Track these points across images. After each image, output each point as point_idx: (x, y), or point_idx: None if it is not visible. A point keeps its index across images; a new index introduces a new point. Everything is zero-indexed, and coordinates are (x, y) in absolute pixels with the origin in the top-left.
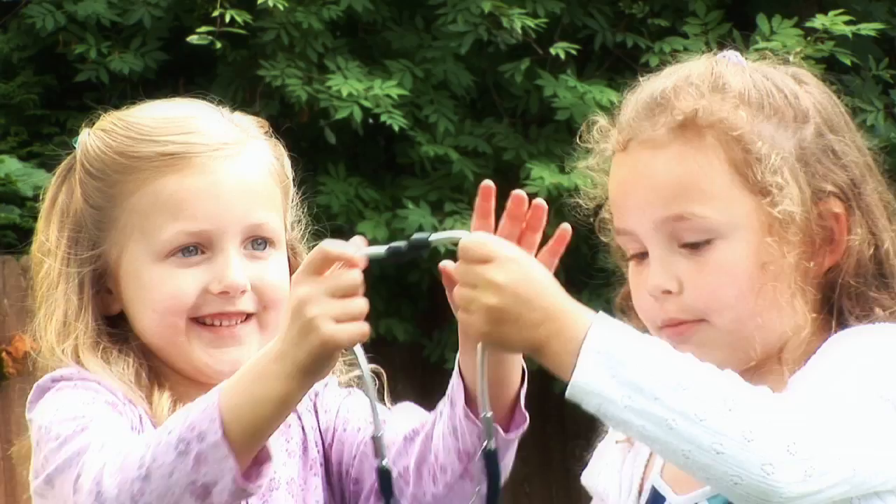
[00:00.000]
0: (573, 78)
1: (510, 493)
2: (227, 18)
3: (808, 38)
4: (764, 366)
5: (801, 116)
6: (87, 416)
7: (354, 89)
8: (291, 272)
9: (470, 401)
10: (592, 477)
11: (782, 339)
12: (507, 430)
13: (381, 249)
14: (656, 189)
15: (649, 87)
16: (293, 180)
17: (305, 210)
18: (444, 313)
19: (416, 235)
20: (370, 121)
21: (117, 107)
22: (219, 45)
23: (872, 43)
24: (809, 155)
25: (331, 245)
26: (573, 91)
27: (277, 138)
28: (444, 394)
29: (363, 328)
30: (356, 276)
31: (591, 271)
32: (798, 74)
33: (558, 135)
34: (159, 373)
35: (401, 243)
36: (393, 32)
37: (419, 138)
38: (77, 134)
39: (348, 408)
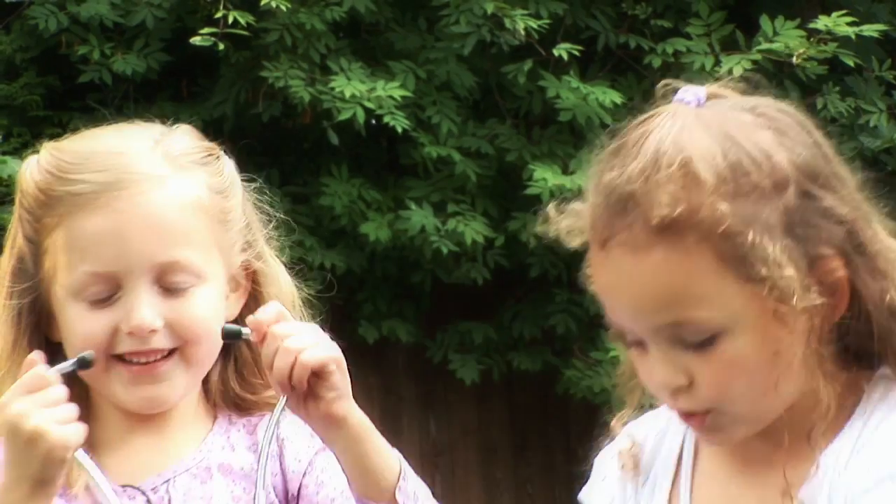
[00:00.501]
0: (576, 79)
1: (514, 495)
2: (230, 20)
3: (811, 40)
4: (794, 448)
5: (780, 182)
6: None
7: (357, 90)
8: (250, 300)
9: (352, 486)
10: (592, 498)
11: (803, 405)
12: None
13: (69, 364)
14: (647, 299)
15: (615, 176)
16: (257, 205)
17: (278, 226)
18: (447, 315)
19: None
20: (373, 122)
21: (120, 108)
22: (221, 46)
23: (875, 44)
24: (798, 221)
25: (36, 368)
26: (576, 92)
27: (229, 154)
28: (446, 395)
29: (84, 427)
30: (61, 389)
31: None
32: (768, 112)
33: (561, 136)
34: (91, 404)
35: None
36: (395, 33)
37: (422, 139)
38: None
39: (323, 468)
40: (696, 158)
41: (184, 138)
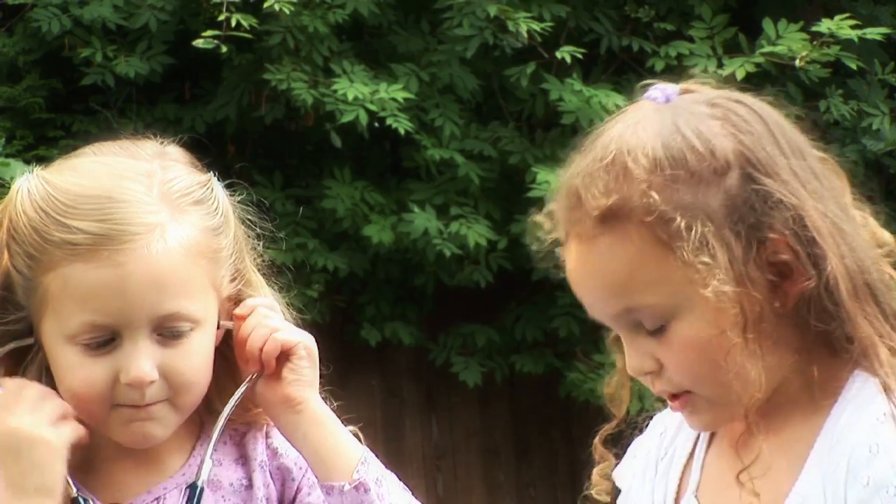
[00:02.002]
0: (579, 82)
1: (515, 498)
2: (233, 22)
3: (814, 42)
4: (775, 431)
5: (721, 169)
6: None
7: (360, 93)
8: (229, 334)
9: (314, 473)
10: (624, 479)
11: (771, 385)
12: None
13: None
14: (599, 288)
15: (568, 173)
16: (240, 233)
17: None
18: (450, 317)
19: None
20: (376, 124)
21: (122, 110)
22: (224, 48)
23: (878, 47)
24: (740, 206)
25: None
26: (579, 95)
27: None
28: (448, 398)
29: (76, 425)
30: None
31: None
32: (724, 103)
33: (564, 139)
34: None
35: None
36: (398, 36)
37: (425, 142)
38: (81, 138)
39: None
40: (632, 150)
41: (180, 172)
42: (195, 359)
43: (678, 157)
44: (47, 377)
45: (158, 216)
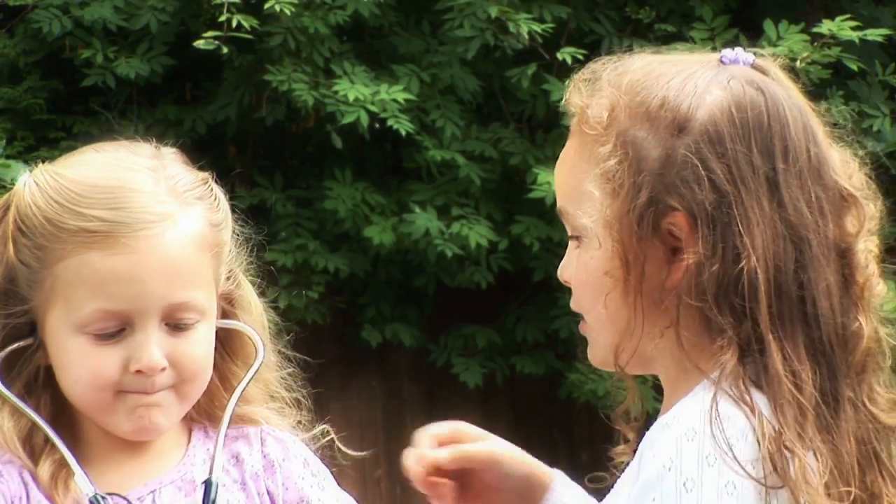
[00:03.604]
0: None
1: None
2: (234, 23)
3: (815, 44)
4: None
5: (677, 127)
6: None
7: (361, 94)
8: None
9: None
10: None
11: (648, 351)
12: None
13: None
14: (555, 180)
15: None
16: (235, 233)
17: (255, 256)
18: (450, 318)
19: None
20: (376, 125)
21: (123, 111)
22: (225, 49)
23: (879, 48)
24: (670, 167)
25: None
26: None
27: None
28: (449, 399)
29: None
30: None
31: None
32: (744, 82)
33: (565, 140)
34: (74, 424)
35: None
36: (399, 37)
37: (426, 143)
38: (82, 139)
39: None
40: (615, 76)
41: (180, 169)
42: (200, 348)
43: (649, 97)
44: (44, 376)
45: (169, 206)
